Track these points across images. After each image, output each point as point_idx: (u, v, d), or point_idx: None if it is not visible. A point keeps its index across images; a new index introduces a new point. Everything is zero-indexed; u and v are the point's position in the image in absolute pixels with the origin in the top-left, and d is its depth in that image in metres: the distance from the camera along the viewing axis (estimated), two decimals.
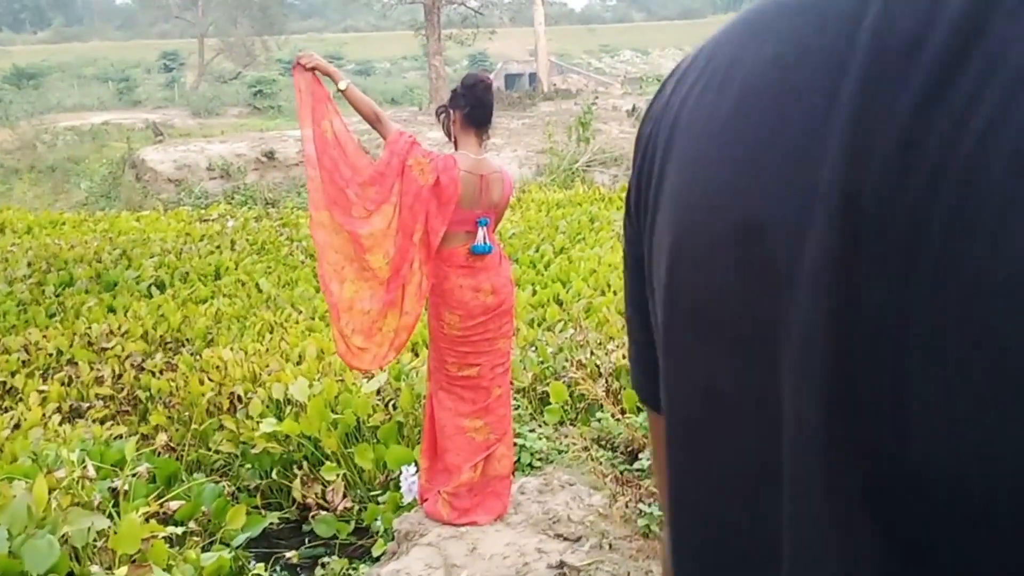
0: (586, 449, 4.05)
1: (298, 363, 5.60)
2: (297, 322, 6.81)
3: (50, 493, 3.33)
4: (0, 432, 4.76)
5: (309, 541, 4.35)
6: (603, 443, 4.22)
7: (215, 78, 45.72)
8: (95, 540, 3.32)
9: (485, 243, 3.35)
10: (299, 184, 17.65)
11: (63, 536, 3.19)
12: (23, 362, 6.15)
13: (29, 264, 8.66)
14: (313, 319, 6.94)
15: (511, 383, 3.76)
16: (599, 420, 4.43)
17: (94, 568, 3.17)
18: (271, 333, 6.53)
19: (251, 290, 7.90)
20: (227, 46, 46.89)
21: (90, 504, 3.57)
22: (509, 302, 3.51)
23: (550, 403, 4.75)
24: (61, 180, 19.94)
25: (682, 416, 0.54)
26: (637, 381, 0.64)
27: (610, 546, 3.22)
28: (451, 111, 3.45)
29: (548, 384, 4.91)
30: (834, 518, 0.43)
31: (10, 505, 3.24)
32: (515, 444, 3.84)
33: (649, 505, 3.50)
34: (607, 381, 4.76)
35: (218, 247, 9.58)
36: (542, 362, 5.20)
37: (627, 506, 3.51)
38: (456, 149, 3.43)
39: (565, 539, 3.26)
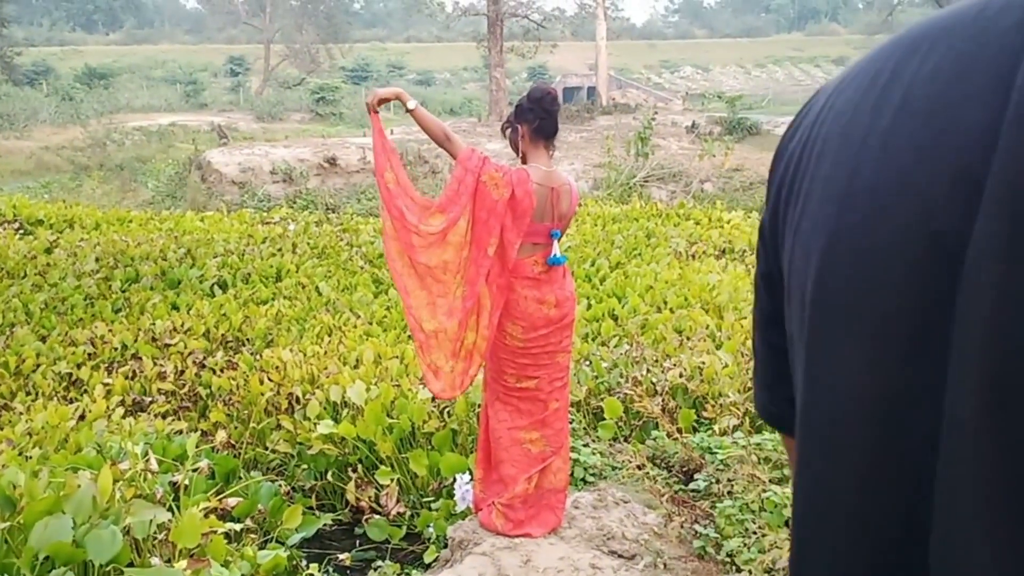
0: (641, 467, 4.02)
1: (355, 367, 5.65)
2: (355, 326, 6.88)
3: (114, 484, 3.40)
4: (65, 423, 4.88)
5: (361, 544, 4.38)
6: (658, 462, 4.19)
7: (279, 84, 46.55)
8: (156, 533, 3.37)
9: (559, 255, 3.37)
10: (359, 191, 17.89)
11: (125, 527, 3.24)
12: (89, 355, 6.30)
13: (97, 259, 8.87)
14: (371, 324, 7.00)
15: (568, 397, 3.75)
16: (654, 438, 4.41)
17: (154, 560, 3.22)
18: (330, 336, 6.60)
19: (311, 293, 8.01)
20: (292, 52, 47.77)
21: (152, 497, 3.64)
22: (571, 316, 3.51)
23: (604, 419, 4.73)
24: (129, 179, 20.46)
25: (826, 420, 0.55)
26: (767, 405, 0.65)
27: (664, 566, 3.20)
28: (518, 125, 3.46)
29: (603, 399, 4.89)
30: (986, 534, 0.44)
31: (75, 495, 3.30)
32: (570, 459, 3.83)
33: (705, 527, 3.47)
34: (663, 399, 4.73)
35: (280, 250, 9.73)
36: (596, 377, 5.18)
37: (682, 526, 3.48)
38: (524, 163, 3.44)
39: (619, 556, 3.24)
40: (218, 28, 66.52)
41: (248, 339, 6.70)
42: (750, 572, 3.12)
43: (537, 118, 3.40)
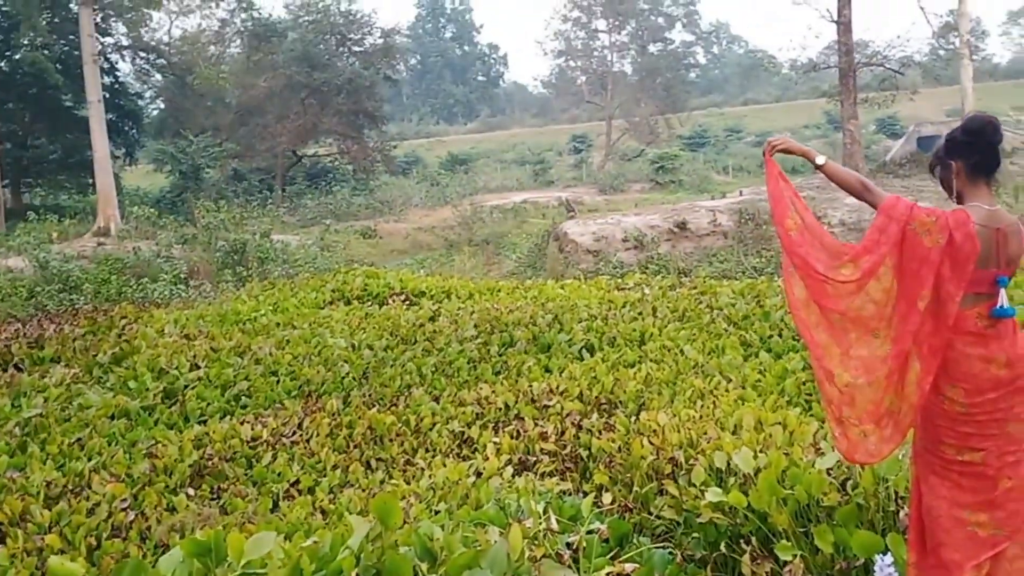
0: None
1: (734, 432, 5.40)
2: (727, 390, 6.63)
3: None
4: (464, 479, 5.12)
5: None
6: None
7: (619, 156, 48.05)
8: None
9: (1007, 305, 2.93)
10: (710, 253, 17.73)
11: None
12: (476, 415, 6.64)
13: (475, 326, 9.47)
14: (743, 388, 6.72)
15: None
16: None
17: None
18: (702, 400, 6.41)
19: (676, 356, 7.89)
20: (632, 126, 49.30)
21: (556, 557, 3.64)
22: None
23: None
24: (492, 252, 22.03)
25: None
26: None
27: None
28: (951, 161, 3.11)
29: None
30: None
31: (490, 551, 3.37)
32: None
33: None
34: None
35: (640, 314, 9.76)
36: None
37: None
38: (960, 203, 3.07)
39: None
40: (562, 109, 70.65)
41: (620, 401, 6.69)
42: None
43: (976, 152, 3.03)
